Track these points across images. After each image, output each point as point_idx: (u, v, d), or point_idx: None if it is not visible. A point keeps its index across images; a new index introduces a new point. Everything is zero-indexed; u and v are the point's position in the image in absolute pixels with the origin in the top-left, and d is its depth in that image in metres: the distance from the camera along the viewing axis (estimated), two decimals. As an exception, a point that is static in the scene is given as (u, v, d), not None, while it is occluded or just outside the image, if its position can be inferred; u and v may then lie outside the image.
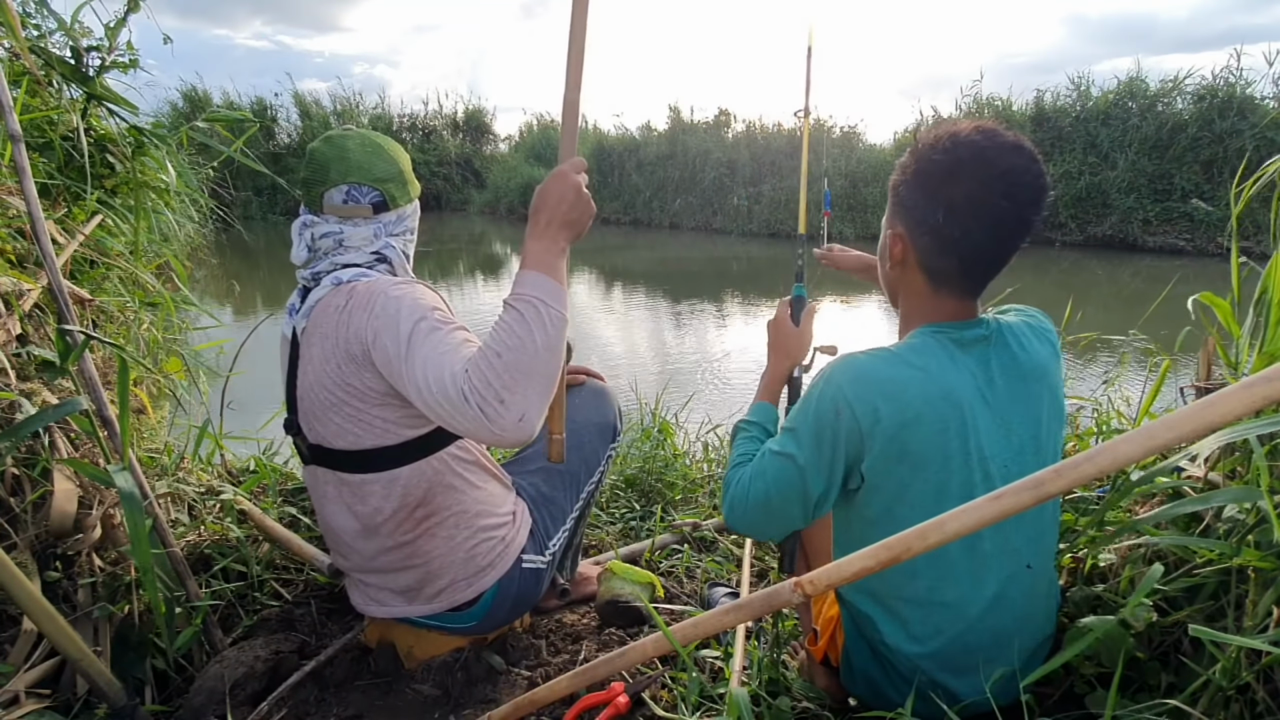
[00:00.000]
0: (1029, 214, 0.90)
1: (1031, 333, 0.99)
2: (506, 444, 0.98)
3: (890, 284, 1.05)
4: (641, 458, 2.31)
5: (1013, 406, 0.94)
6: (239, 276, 8.18)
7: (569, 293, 1.05)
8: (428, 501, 1.21)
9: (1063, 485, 0.67)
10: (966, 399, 0.91)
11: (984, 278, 0.96)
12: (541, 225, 1.04)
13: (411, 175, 1.28)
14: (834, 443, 0.92)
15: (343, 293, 1.16)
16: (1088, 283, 7.87)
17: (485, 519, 1.28)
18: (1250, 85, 9.24)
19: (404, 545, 1.23)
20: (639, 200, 13.72)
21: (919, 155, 0.95)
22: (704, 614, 0.95)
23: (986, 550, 0.94)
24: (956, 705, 0.95)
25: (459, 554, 1.25)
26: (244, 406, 2.32)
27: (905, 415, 0.89)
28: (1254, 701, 0.84)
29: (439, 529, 1.23)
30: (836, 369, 0.94)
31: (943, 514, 0.73)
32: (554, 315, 1.00)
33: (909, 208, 0.96)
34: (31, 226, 1.19)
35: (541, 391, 0.97)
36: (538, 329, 0.97)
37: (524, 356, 0.95)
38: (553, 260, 1.03)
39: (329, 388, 1.15)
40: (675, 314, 7.17)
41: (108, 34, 1.70)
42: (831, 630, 1.14)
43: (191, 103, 13.69)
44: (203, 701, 1.22)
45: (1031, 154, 0.89)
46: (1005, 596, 0.95)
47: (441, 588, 1.27)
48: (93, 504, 1.33)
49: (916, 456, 0.91)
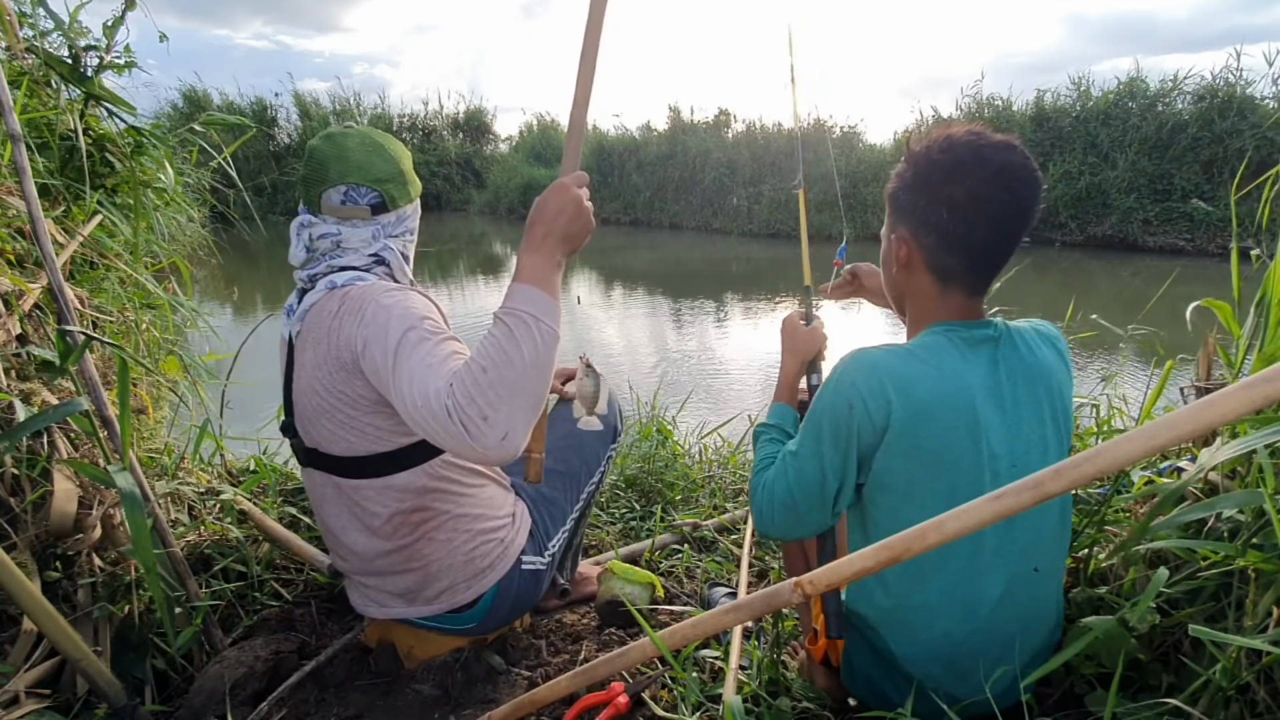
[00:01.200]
0: (1029, 205, 0.92)
1: (1039, 338, 1.00)
2: (489, 462, 0.96)
3: (897, 289, 1.06)
4: (641, 458, 2.31)
5: (1021, 407, 0.94)
6: (239, 276, 8.19)
7: (562, 305, 1.03)
8: (423, 506, 1.20)
9: (1063, 485, 0.67)
10: (978, 397, 0.91)
11: (990, 273, 0.97)
12: (538, 238, 0.99)
13: (413, 174, 1.26)
14: (848, 436, 0.93)
15: (336, 297, 1.14)
16: (1087, 283, 7.87)
17: (483, 521, 1.27)
18: (1250, 85, 9.24)
19: (402, 549, 1.23)
20: (639, 200, 13.72)
21: (915, 160, 0.97)
22: (703, 614, 0.95)
23: (990, 553, 0.94)
24: (957, 705, 0.95)
25: (457, 557, 1.25)
26: (244, 407, 2.32)
27: (917, 410, 0.90)
28: (1254, 702, 0.84)
29: (436, 532, 1.23)
30: (849, 363, 0.95)
31: (942, 514, 0.73)
32: (545, 331, 0.96)
33: (911, 210, 0.97)
34: (31, 226, 1.19)
35: (528, 410, 0.94)
36: (526, 345, 0.94)
37: (510, 373, 0.92)
38: (548, 275, 0.99)
39: (321, 394, 1.14)
40: (675, 314, 7.17)
41: (105, 33, 1.70)
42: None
43: (191, 103, 13.68)
44: (203, 701, 1.22)
45: (1023, 151, 0.92)
46: (1011, 600, 0.95)
47: (441, 590, 1.26)
48: (93, 504, 1.33)
49: (928, 454, 0.91)
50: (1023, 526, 0.93)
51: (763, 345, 5.85)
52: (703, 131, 13.55)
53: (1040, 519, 0.95)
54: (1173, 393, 1.41)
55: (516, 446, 0.93)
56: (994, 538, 0.93)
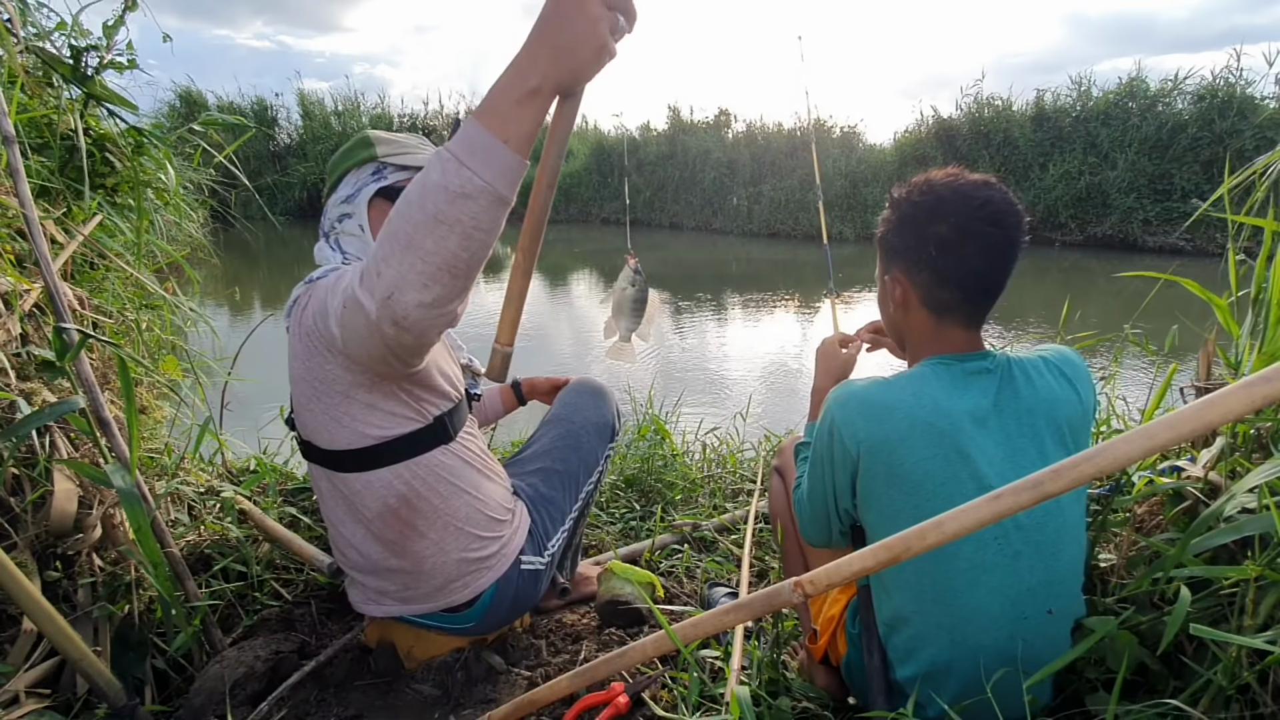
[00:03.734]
0: (1015, 235, 0.96)
1: (1046, 367, 0.99)
2: (385, 338, 0.83)
3: (896, 328, 1.09)
4: (640, 457, 2.31)
5: (1017, 439, 0.94)
6: (239, 276, 8.19)
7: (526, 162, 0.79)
8: (410, 504, 1.19)
9: (1063, 485, 0.67)
10: (965, 427, 0.92)
11: (985, 303, 0.99)
12: (521, 50, 0.75)
13: (366, 156, 1.26)
14: (830, 461, 1.00)
15: (308, 290, 1.12)
16: (1087, 283, 7.88)
17: (479, 521, 1.26)
18: (1250, 85, 9.25)
19: (392, 544, 1.22)
20: (639, 200, 13.73)
21: (899, 204, 1.01)
22: (704, 614, 0.95)
23: (995, 591, 0.92)
24: (958, 705, 0.95)
25: (451, 556, 1.24)
26: (244, 406, 2.32)
27: (889, 436, 0.92)
28: (1255, 702, 0.84)
29: (429, 530, 1.22)
30: (832, 395, 1.00)
31: (941, 514, 0.73)
32: (464, 179, 0.75)
33: (901, 251, 1.01)
34: (27, 227, 1.19)
35: (421, 266, 0.77)
36: (434, 192, 0.76)
37: (406, 225, 0.77)
38: (505, 104, 0.75)
39: (306, 379, 1.13)
40: (675, 314, 7.17)
41: (105, 33, 1.70)
42: (832, 630, 1.14)
43: (189, 103, 13.67)
44: (203, 701, 1.22)
45: (1002, 187, 0.97)
46: (1020, 641, 0.92)
47: (435, 587, 1.26)
48: (93, 504, 1.33)
49: (906, 480, 0.92)
50: (1030, 565, 0.92)
51: (762, 345, 5.86)
52: (703, 131, 13.56)
53: (1051, 559, 0.93)
54: (1172, 394, 1.41)
55: (404, 309, 0.79)
56: (1001, 573, 0.92)
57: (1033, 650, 0.93)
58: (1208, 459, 1.08)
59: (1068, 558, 0.95)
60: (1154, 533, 1.12)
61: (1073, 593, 0.97)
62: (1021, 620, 0.92)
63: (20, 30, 1.63)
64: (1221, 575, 0.91)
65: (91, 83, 1.69)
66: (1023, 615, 0.92)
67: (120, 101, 1.75)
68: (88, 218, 1.68)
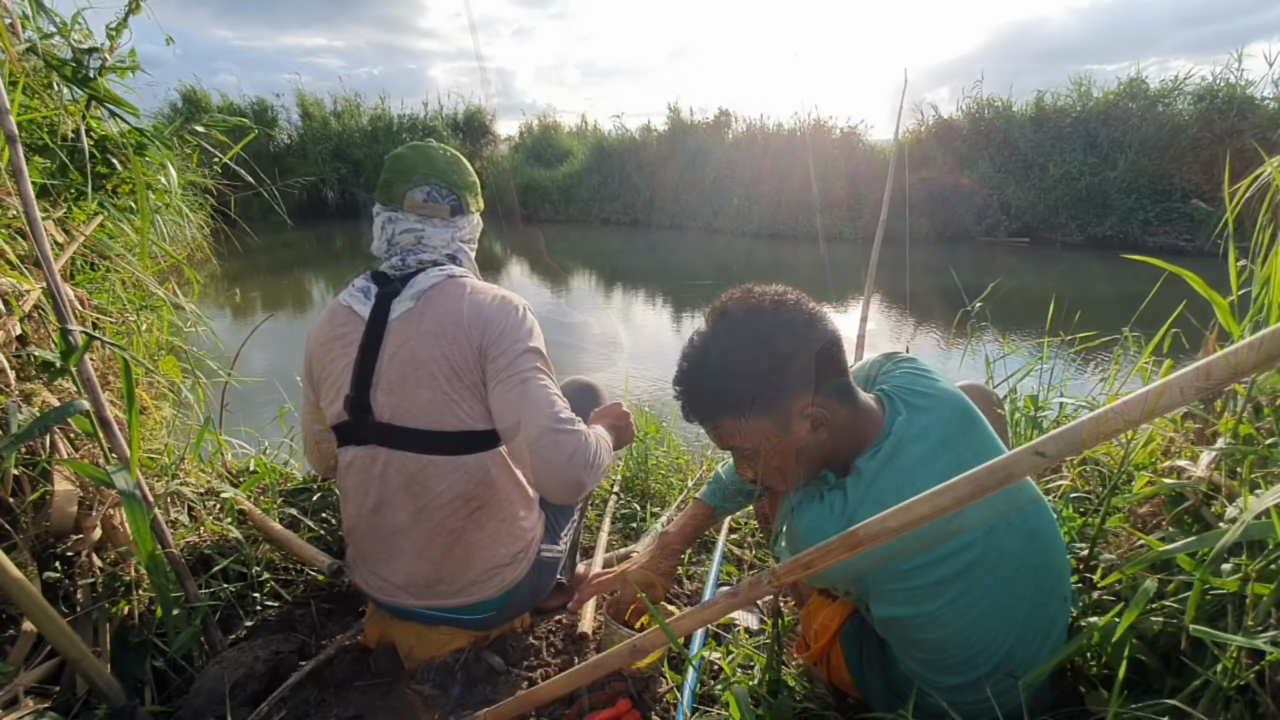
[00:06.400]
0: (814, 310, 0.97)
1: (918, 379, 1.03)
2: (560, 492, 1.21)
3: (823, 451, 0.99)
4: (639, 458, 2.31)
5: (975, 447, 0.96)
6: (239, 276, 8.19)
7: None
8: (481, 493, 1.25)
9: (1024, 469, 0.67)
10: None
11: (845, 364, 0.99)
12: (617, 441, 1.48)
13: (479, 190, 1.40)
14: None
15: (460, 284, 1.25)
16: (1087, 283, 7.87)
17: (521, 514, 1.33)
18: (1250, 85, 9.24)
19: (452, 533, 1.26)
20: (639, 201, 13.72)
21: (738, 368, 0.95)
22: (696, 607, 0.97)
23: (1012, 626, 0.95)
24: (958, 705, 0.95)
25: (499, 547, 1.30)
26: (243, 406, 2.32)
27: None
28: (1255, 702, 0.84)
29: (487, 521, 1.28)
30: None
31: (912, 498, 0.73)
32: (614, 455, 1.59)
33: (784, 388, 0.93)
34: (29, 227, 1.19)
35: (599, 477, 1.25)
36: (608, 455, 1.32)
37: (601, 470, 1.26)
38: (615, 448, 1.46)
39: (434, 359, 1.19)
40: (675, 314, 7.17)
41: (109, 35, 1.70)
42: (826, 642, 1.15)
43: (190, 103, 13.67)
44: (203, 702, 1.22)
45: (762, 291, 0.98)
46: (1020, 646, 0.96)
47: (470, 581, 1.30)
48: (93, 504, 1.33)
49: None
50: (1033, 583, 0.95)
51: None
52: (703, 132, 13.56)
53: (1034, 611, 0.96)
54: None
55: (586, 486, 1.22)
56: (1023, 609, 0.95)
57: (1031, 650, 0.96)
58: (1209, 460, 1.08)
59: (1056, 555, 0.98)
60: (1154, 532, 1.12)
61: (1065, 583, 1.00)
62: (1023, 633, 0.95)
63: (23, 32, 1.63)
64: (1208, 578, 0.92)
65: (94, 85, 1.69)
66: (1025, 629, 0.95)
67: (122, 104, 1.75)
68: (88, 218, 1.68)
